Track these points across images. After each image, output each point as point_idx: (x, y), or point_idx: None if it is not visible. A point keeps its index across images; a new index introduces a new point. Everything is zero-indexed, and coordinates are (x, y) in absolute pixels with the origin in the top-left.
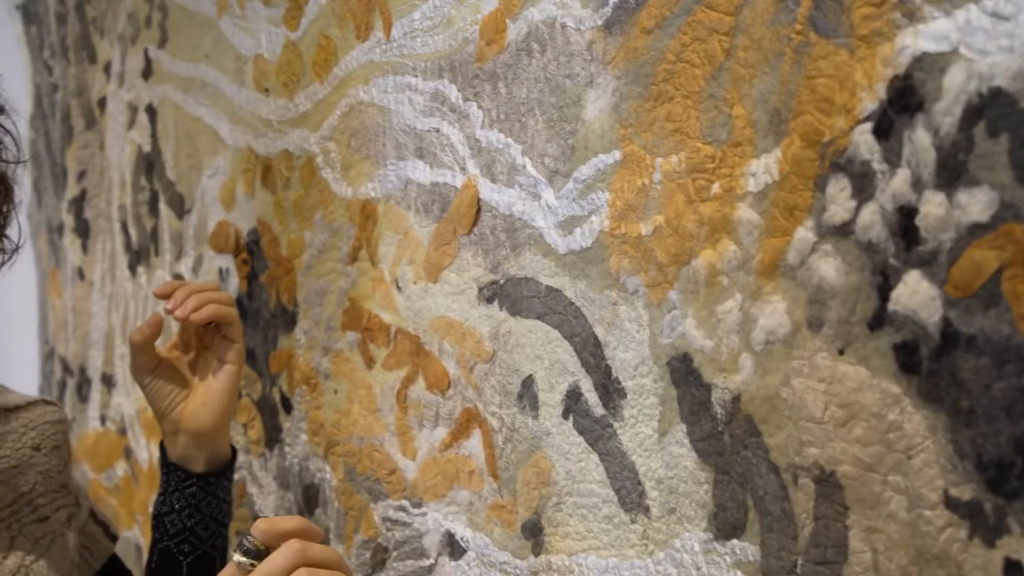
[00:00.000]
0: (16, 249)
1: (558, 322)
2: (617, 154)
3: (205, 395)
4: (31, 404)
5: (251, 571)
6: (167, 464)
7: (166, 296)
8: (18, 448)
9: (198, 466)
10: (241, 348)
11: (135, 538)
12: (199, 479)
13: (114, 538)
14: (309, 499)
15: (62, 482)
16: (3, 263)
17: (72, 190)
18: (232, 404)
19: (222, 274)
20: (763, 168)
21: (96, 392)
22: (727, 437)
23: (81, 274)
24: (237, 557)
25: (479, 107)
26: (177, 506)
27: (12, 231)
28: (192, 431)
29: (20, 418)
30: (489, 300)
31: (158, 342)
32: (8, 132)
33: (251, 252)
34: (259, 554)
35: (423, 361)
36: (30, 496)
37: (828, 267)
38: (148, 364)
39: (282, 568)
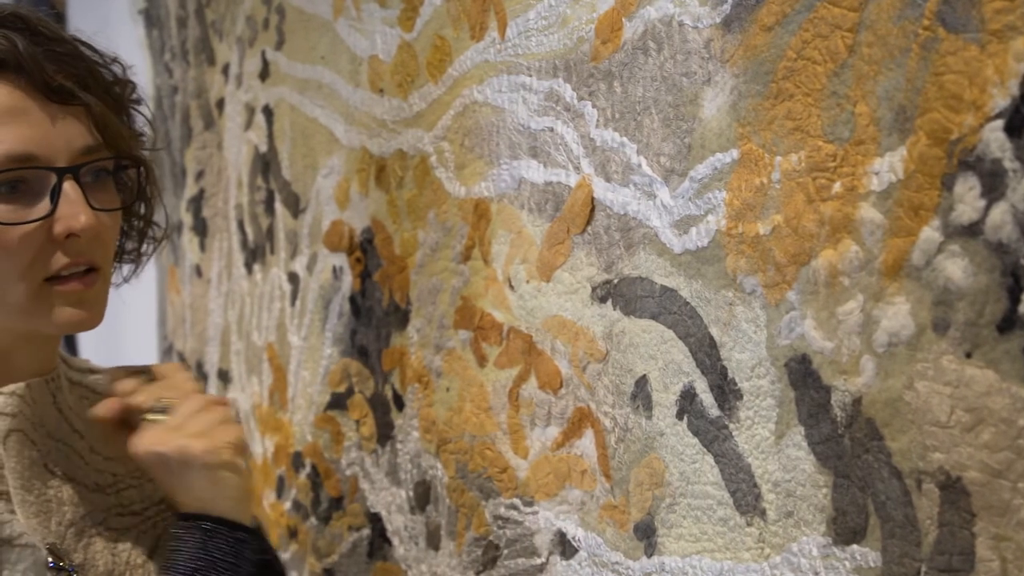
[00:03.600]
0: (165, 236)
1: (673, 322)
2: (735, 153)
3: None
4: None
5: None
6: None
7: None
8: None
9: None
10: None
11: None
12: None
13: None
14: (420, 495)
15: None
16: (154, 249)
17: (191, 189)
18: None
19: (336, 272)
20: (887, 167)
21: (213, 387)
22: (847, 440)
23: (199, 272)
24: (153, 416)
25: (594, 106)
26: None
27: (159, 218)
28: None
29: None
30: (603, 300)
31: None
32: (149, 122)
33: (364, 251)
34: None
35: (535, 360)
36: None
37: (955, 268)
38: (119, 440)
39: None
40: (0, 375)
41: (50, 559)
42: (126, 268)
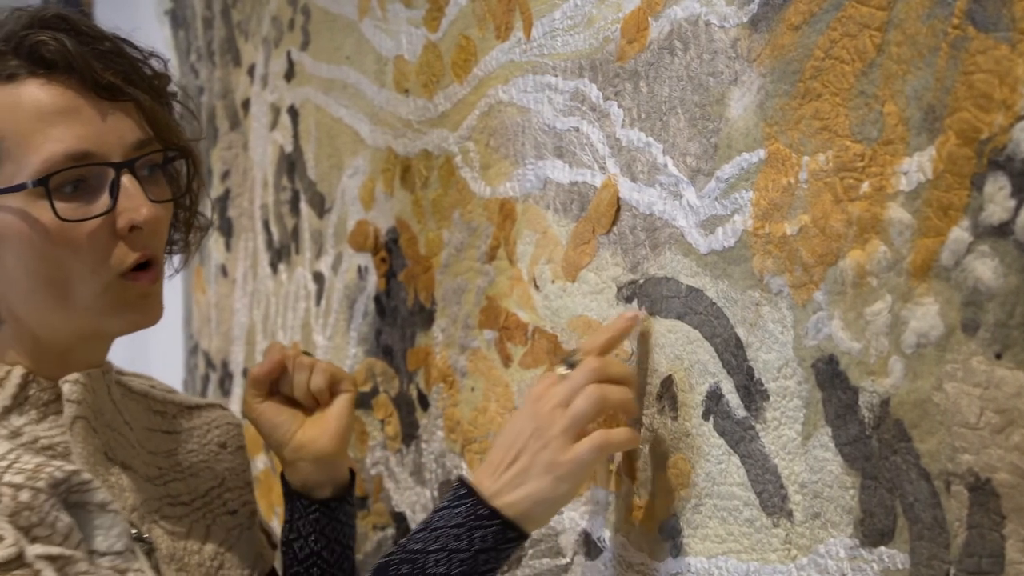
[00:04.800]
0: (210, 225)
1: (699, 322)
2: (762, 152)
3: (323, 421)
4: (210, 405)
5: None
6: (291, 493)
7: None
8: (204, 444)
9: (321, 492)
10: (353, 377)
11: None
12: (322, 505)
13: (274, 546)
14: (445, 495)
15: (247, 480)
16: (200, 239)
17: (216, 189)
18: (350, 428)
19: (361, 272)
20: (916, 167)
21: (238, 387)
22: (875, 442)
23: (224, 271)
24: (561, 369)
25: (620, 106)
26: (304, 532)
27: (204, 208)
28: (314, 457)
29: (202, 416)
30: (628, 299)
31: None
32: (191, 112)
33: (389, 250)
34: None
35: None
36: (220, 490)
37: (985, 268)
38: (262, 397)
39: (578, 383)
40: (56, 368)
41: (132, 529)
42: (175, 260)
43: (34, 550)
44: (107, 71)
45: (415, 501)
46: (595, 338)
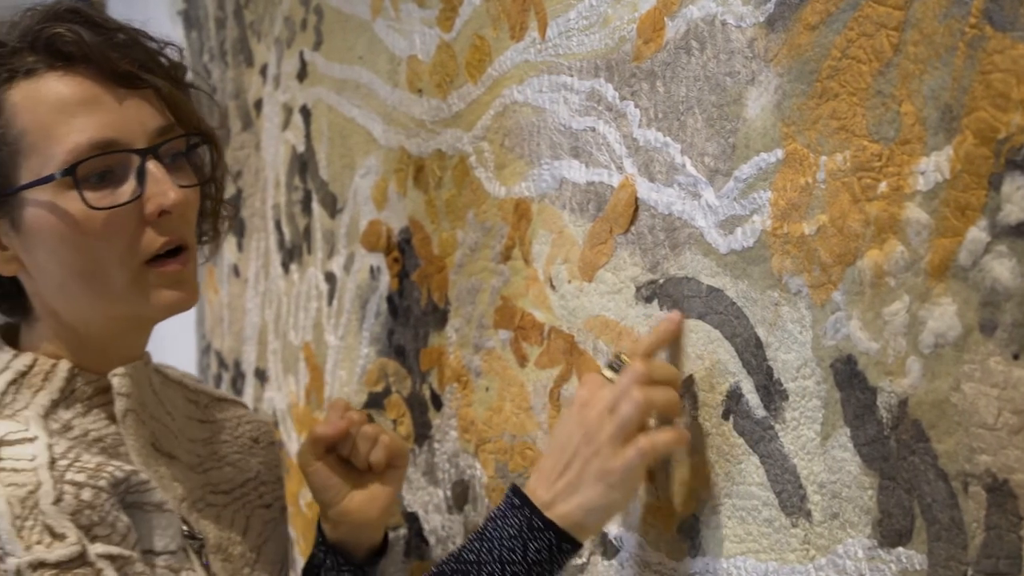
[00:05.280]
0: (236, 212)
1: (719, 322)
2: (779, 152)
3: (372, 493)
4: (235, 401)
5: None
6: (326, 542)
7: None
8: (237, 436)
9: (358, 554)
10: (407, 451)
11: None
12: (356, 567)
13: None
14: (458, 495)
15: (278, 476)
16: (228, 226)
17: (228, 189)
18: (396, 501)
19: (373, 272)
20: (933, 166)
21: (250, 386)
22: (893, 442)
23: (236, 271)
24: (606, 371)
25: (636, 106)
26: None
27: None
28: (357, 524)
29: (231, 410)
30: (648, 299)
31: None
32: (211, 98)
33: (402, 251)
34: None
35: (577, 360)
36: (255, 482)
37: (1003, 268)
38: (319, 455)
39: (624, 387)
40: (98, 360)
41: (184, 527)
42: (205, 248)
43: (95, 549)
44: (124, 60)
45: (428, 501)
46: (640, 340)
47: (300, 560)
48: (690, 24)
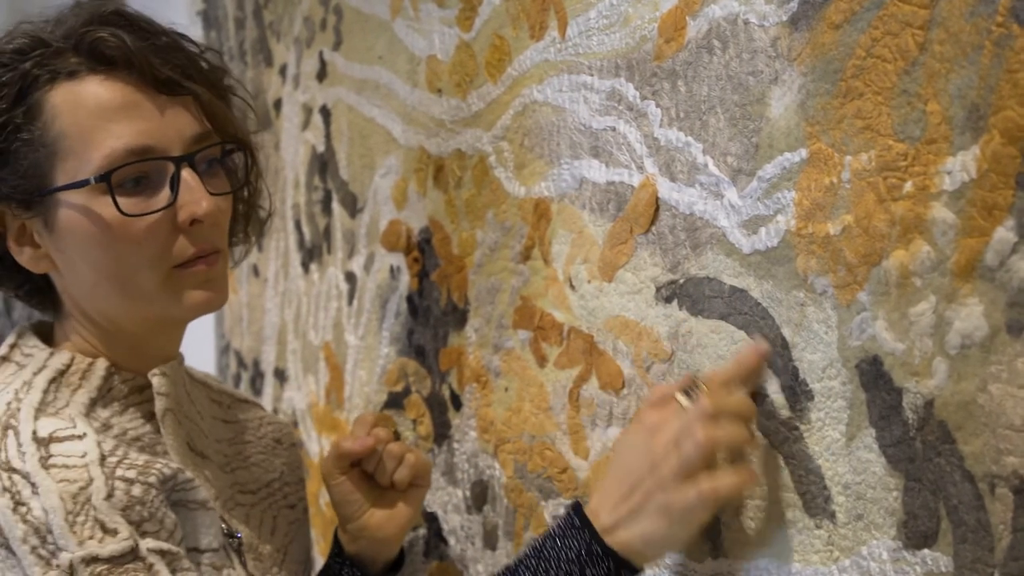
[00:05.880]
0: (270, 215)
1: (743, 323)
2: (803, 152)
3: (392, 510)
4: (255, 403)
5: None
6: (342, 553)
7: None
8: (260, 437)
9: (374, 568)
10: (430, 471)
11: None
12: None
13: None
14: (478, 495)
15: (300, 477)
16: (261, 230)
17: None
18: (416, 520)
19: (393, 272)
20: (959, 166)
21: (269, 386)
22: (919, 443)
23: (256, 271)
24: (680, 396)
25: (657, 105)
26: None
27: (263, 200)
28: (377, 539)
29: (251, 411)
30: (668, 300)
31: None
32: (249, 105)
33: (422, 250)
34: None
35: (597, 360)
36: (279, 483)
37: None
38: (343, 469)
39: (692, 423)
40: (133, 359)
41: (224, 525)
42: (236, 251)
43: (146, 544)
44: (165, 66)
45: (447, 501)
46: (719, 370)
47: (319, 560)
48: (712, 23)
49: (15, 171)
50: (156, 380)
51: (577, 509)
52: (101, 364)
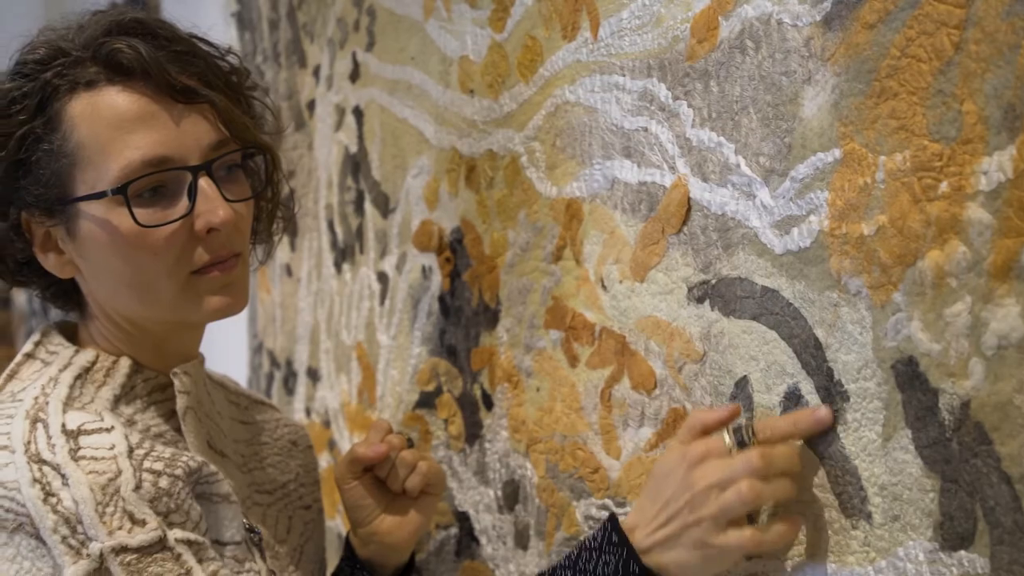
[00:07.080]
0: (292, 215)
1: (775, 323)
2: (837, 152)
3: (404, 517)
4: (270, 404)
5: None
6: (353, 557)
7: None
8: (276, 439)
9: (384, 573)
10: (443, 479)
11: (336, 527)
12: None
13: None
14: (509, 495)
15: (316, 479)
16: (284, 229)
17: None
18: (427, 527)
19: (425, 272)
20: (996, 166)
21: (302, 386)
22: (955, 444)
23: (289, 271)
24: (728, 437)
25: (690, 106)
26: None
27: (286, 198)
28: (386, 545)
29: (267, 412)
30: (700, 300)
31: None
32: (268, 108)
33: (454, 250)
34: (744, 445)
35: (628, 360)
36: (295, 484)
37: None
38: (356, 474)
39: (736, 474)
40: (155, 358)
41: (245, 520)
42: (259, 250)
43: (174, 534)
44: (182, 74)
45: (478, 501)
46: (775, 423)
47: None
48: (745, 23)
49: (37, 180)
50: (178, 379)
51: (615, 523)
52: (125, 362)
